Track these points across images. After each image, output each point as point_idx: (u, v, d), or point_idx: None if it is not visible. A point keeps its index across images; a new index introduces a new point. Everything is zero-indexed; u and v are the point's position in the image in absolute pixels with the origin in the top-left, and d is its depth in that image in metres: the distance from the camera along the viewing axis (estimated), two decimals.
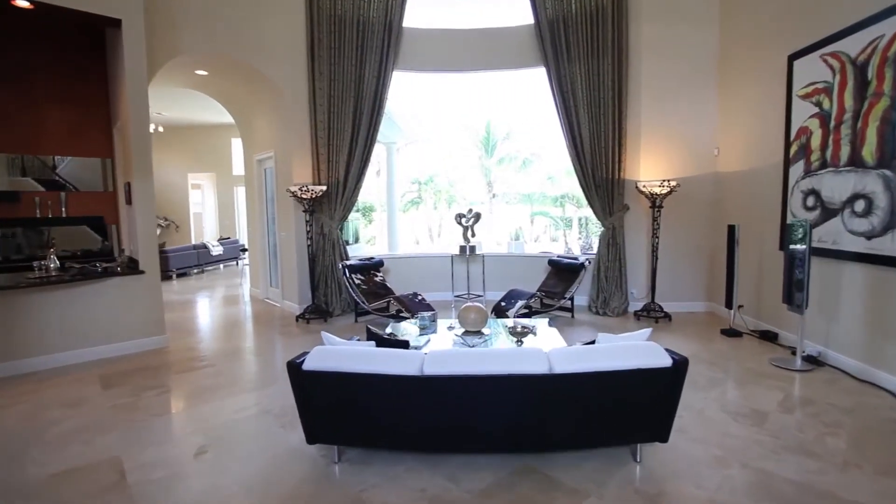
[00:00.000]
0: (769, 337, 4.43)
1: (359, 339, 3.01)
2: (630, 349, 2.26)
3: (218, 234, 12.79)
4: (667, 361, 2.18)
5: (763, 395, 3.24)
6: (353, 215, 7.57)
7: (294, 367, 2.31)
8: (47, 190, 5.18)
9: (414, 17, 6.11)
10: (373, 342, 2.54)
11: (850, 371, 3.56)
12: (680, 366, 2.19)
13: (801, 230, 3.61)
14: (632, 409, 2.27)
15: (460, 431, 2.34)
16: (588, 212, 11.06)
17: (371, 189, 12.85)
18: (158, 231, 11.77)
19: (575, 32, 5.60)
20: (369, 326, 2.63)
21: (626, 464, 2.38)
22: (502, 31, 6.14)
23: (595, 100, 5.63)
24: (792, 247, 3.73)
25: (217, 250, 11.07)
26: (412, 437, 2.39)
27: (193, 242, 11.19)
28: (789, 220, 4.17)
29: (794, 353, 3.90)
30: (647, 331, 2.53)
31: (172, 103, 9.24)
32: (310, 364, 2.31)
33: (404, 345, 2.48)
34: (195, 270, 10.45)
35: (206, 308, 6.80)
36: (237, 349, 4.69)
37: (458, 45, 6.19)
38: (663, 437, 2.32)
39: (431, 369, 2.21)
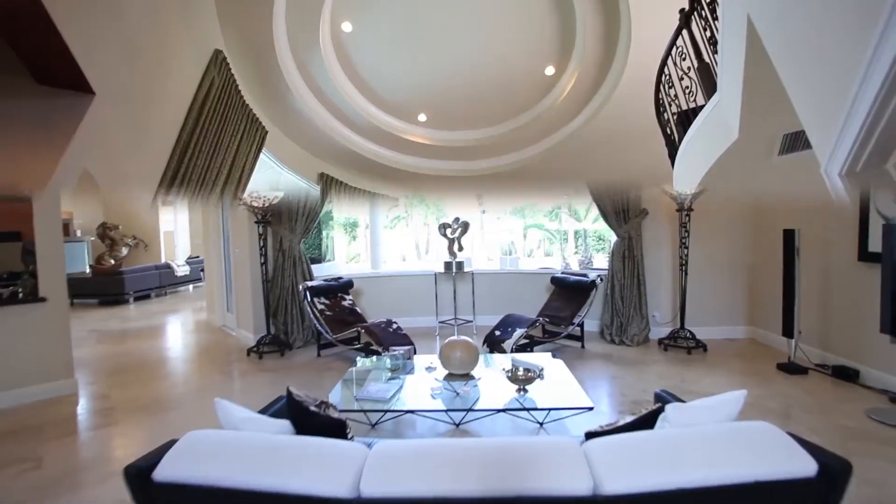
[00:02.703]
0: (846, 375, 3.42)
1: (284, 401, 1.99)
2: (732, 439, 1.26)
3: (190, 252, 11.72)
4: (808, 467, 1.19)
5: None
6: (331, 230, 6.61)
7: (138, 477, 1.29)
8: None
9: None
10: (289, 421, 1.52)
11: None
12: (835, 475, 1.20)
13: None
14: None
15: None
16: (585, 224, 10.05)
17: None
18: (125, 251, 10.65)
19: None
20: (290, 388, 1.63)
21: None
22: None
23: None
24: None
25: (182, 270, 10.03)
26: None
27: (158, 262, 10.12)
28: (874, 221, 3.22)
29: (892, 399, 2.91)
30: (740, 393, 1.54)
31: None
32: (167, 470, 1.28)
33: (339, 427, 1.46)
34: (162, 292, 9.40)
35: (148, 339, 5.71)
36: (160, 398, 3.63)
37: None
38: None
39: (374, 486, 1.20)
